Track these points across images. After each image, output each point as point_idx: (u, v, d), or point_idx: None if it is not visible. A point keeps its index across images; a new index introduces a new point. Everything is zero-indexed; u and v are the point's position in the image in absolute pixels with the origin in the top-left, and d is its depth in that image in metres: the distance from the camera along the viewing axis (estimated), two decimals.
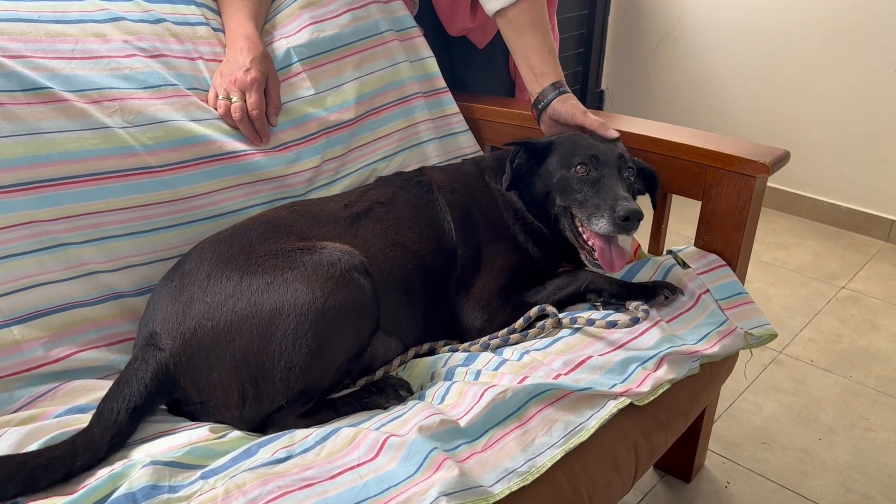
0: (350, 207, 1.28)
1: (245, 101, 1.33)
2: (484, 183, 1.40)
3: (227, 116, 1.33)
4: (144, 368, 0.99)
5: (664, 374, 1.14)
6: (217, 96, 1.34)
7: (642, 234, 1.53)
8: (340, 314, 1.03)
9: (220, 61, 1.40)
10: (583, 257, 1.30)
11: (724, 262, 1.41)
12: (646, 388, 1.10)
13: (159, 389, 1.00)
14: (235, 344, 1.00)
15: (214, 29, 1.44)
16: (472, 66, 1.88)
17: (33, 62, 1.17)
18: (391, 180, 1.40)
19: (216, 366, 1.00)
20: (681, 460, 1.68)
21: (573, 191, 1.28)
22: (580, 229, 1.29)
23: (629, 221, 1.19)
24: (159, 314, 1.05)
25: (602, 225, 1.22)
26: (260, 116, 1.34)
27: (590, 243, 1.27)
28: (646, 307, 1.22)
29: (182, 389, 1.02)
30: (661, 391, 1.13)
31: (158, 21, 1.36)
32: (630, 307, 1.24)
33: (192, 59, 1.38)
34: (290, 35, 1.49)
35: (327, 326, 1.01)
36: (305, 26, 1.49)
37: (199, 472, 0.89)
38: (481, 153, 1.70)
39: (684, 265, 1.38)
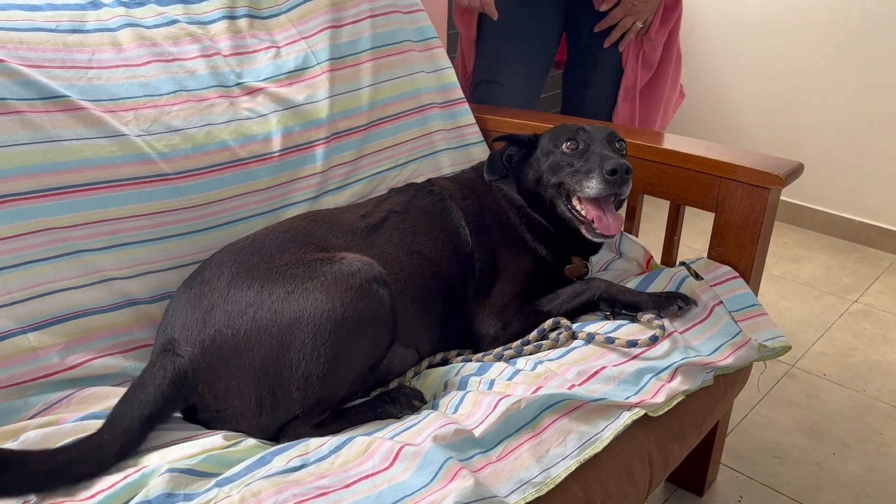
0: (366, 218, 1.28)
1: None
2: (488, 186, 1.43)
3: None
4: (162, 375, 0.99)
5: (678, 385, 1.13)
6: None
7: (655, 247, 1.53)
8: (359, 325, 1.03)
9: (240, 54, 1.42)
10: (583, 231, 1.31)
11: (737, 274, 1.40)
12: (660, 399, 1.09)
13: (175, 396, 1.00)
14: (255, 352, 1.00)
15: (232, 18, 1.45)
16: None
17: (51, 72, 1.19)
18: (404, 190, 1.41)
19: (235, 374, 1.00)
20: (694, 474, 1.66)
21: (563, 166, 1.31)
22: (577, 206, 1.31)
23: (617, 175, 1.22)
24: (178, 321, 1.06)
25: (593, 185, 1.24)
26: None
27: (586, 216, 1.29)
28: (661, 322, 1.22)
29: (199, 397, 1.02)
30: (675, 402, 1.12)
31: (172, 23, 1.38)
32: (642, 319, 1.24)
33: (210, 55, 1.39)
34: (309, 36, 1.50)
35: (345, 336, 1.02)
36: (324, 29, 1.51)
37: (213, 480, 0.89)
38: None
39: (697, 276, 1.37)
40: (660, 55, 1.90)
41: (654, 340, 1.18)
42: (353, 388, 1.08)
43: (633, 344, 1.17)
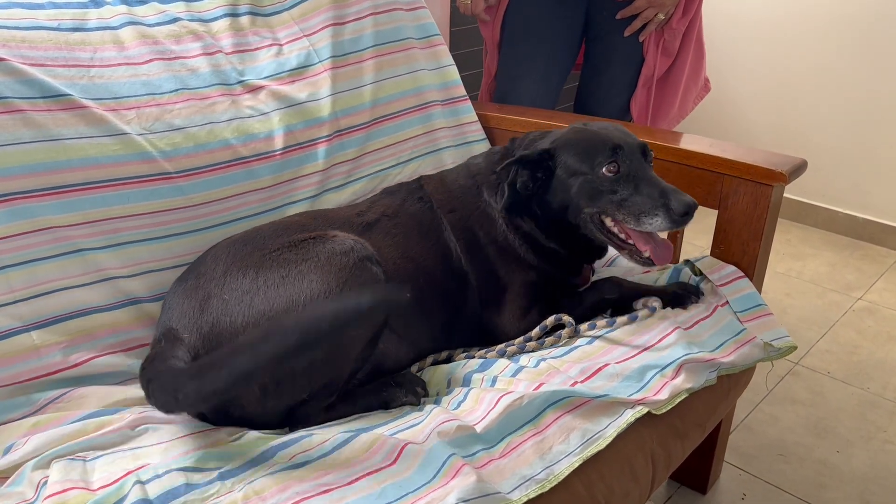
0: (362, 216, 1.27)
1: None
2: (483, 202, 1.29)
3: None
4: (171, 349, 1.00)
5: (682, 382, 1.13)
6: None
7: None
8: None
9: (242, 52, 1.42)
10: (625, 257, 1.23)
11: (742, 274, 1.39)
12: (663, 396, 1.09)
13: None
14: None
15: (234, 16, 1.45)
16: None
17: (53, 70, 1.19)
18: (395, 192, 1.36)
19: None
20: (697, 471, 1.66)
21: (604, 193, 1.18)
22: (614, 230, 1.22)
23: (688, 216, 1.14)
24: (175, 312, 1.06)
25: (657, 223, 1.15)
26: None
27: (629, 242, 1.21)
28: (655, 303, 1.24)
29: None
30: (678, 400, 1.12)
31: (174, 21, 1.38)
32: (637, 305, 1.27)
33: (211, 53, 1.39)
34: (311, 33, 1.50)
35: None
36: (326, 26, 1.51)
37: (216, 473, 0.89)
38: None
39: (700, 274, 1.37)
40: (679, 44, 1.89)
41: (653, 311, 1.22)
42: (356, 365, 1.07)
43: (634, 318, 1.21)
